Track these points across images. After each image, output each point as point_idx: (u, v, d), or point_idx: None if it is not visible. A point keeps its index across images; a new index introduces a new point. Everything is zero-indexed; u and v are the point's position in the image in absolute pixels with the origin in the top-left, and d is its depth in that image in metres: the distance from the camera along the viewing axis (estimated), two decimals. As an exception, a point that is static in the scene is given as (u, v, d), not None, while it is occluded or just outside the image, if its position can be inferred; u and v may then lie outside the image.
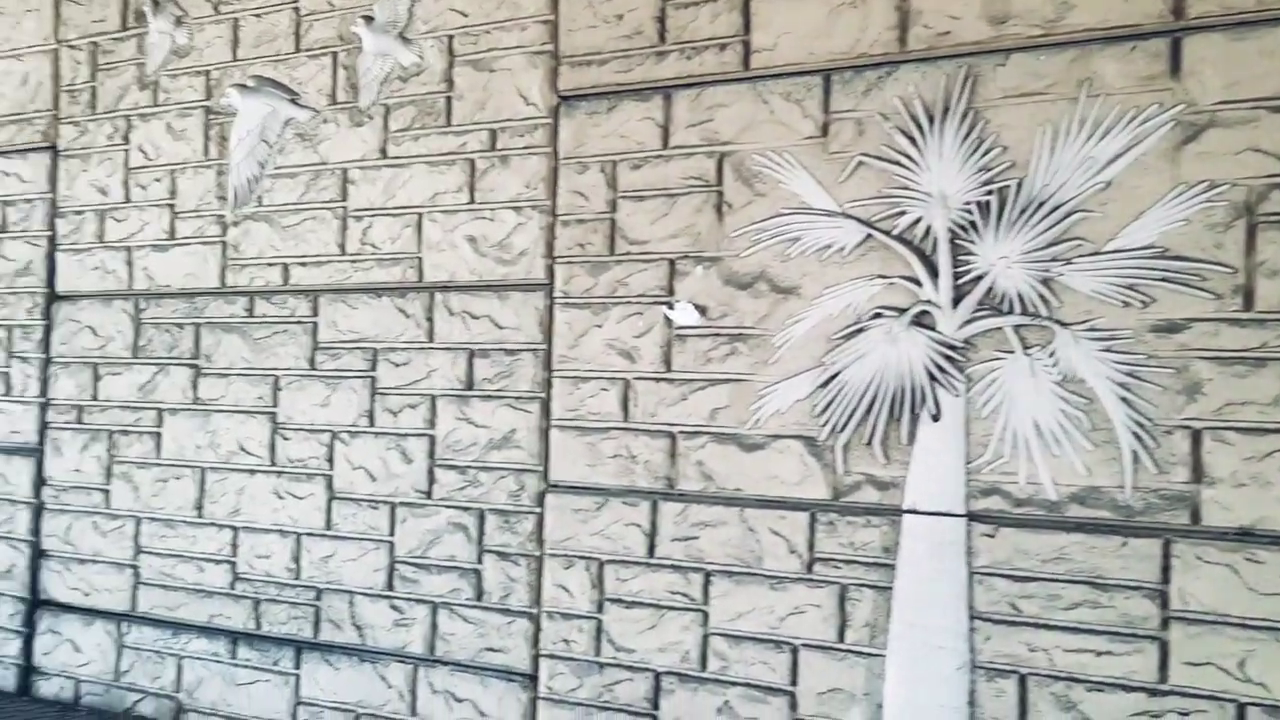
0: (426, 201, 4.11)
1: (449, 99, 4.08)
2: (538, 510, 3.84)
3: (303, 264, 4.36)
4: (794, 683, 3.39)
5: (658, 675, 3.59)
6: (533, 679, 3.81)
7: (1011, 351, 3.14)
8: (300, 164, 4.37)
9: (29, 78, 5.07)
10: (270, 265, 4.43)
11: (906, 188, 3.28)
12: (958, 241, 3.21)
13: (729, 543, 3.50)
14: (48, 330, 4.95)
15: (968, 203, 3.20)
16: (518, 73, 3.95)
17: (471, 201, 4.02)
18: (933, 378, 3.22)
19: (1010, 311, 3.14)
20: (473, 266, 4.01)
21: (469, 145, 4.03)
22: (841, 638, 3.33)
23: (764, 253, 3.48)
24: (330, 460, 4.26)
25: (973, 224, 3.19)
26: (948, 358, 3.20)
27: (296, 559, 4.30)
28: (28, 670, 4.91)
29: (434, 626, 4.00)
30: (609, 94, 3.77)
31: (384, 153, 4.20)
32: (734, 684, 3.47)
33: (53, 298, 4.95)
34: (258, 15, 4.50)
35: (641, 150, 3.70)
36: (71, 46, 4.95)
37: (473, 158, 4.02)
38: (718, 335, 3.54)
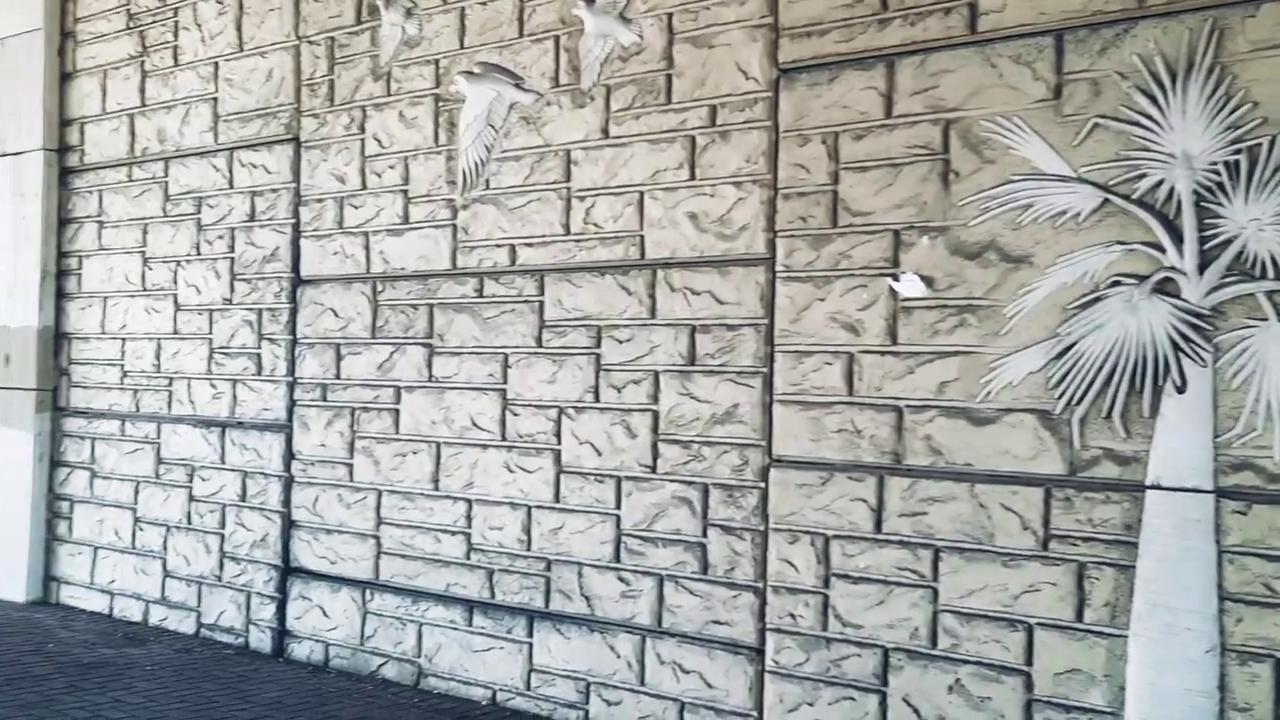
0: (647, 179, 4.37)
1: (669, 76, 4.33)
2: (761, 485, 4.05)
3: (529, 244, 4.71)
4: (1029, 662, 3.48)
5: (886, 651, 3.75)
6: (759, 652, 4.04)
7: (1264, 319, 3.12)
8: (525, 147, 4.72)
9: (273, 74, 5.64)
10: (498, 246, 4.81)
11: (1147, 149, 3.30)
12: (1203, 204, 3.21)
13: (959, 518, 3.61)
14: (294, 313, 5.52)
15: (1214, 163, 3.19)
16: (737, 47, 4.15)
17: (692, 178, 4.26)
18: (1177, 347, 3.24)
19: (1263, 276, 3.12)
20: (693, 243, 4.25)
21: (689, 122, 4.27)
22: (1080, 617, 3.40)
23: (993, 221, 3.57)
24: (558, 435, 4.60)
25: (1219, 185, 3.18)
26: (1193, 326, 3.21)
27: (527, 531, 4.67)
28: (281, 634, 5.51)
29: (660, 598, 4.29)
30: (830, 65, 3.92)
31: (605, 133, 4.49)
32: (966, 662, 3.59)
33: (298, 282, 5.52)
34: (483, 3, 4.87)
35: (864, 120, 3.84)
36: (311, 42, 5.49)
37: (693, 134, 4.26)
38: (945, 306, 3.65)
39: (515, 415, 4.73)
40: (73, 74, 6.65)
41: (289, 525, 5.51)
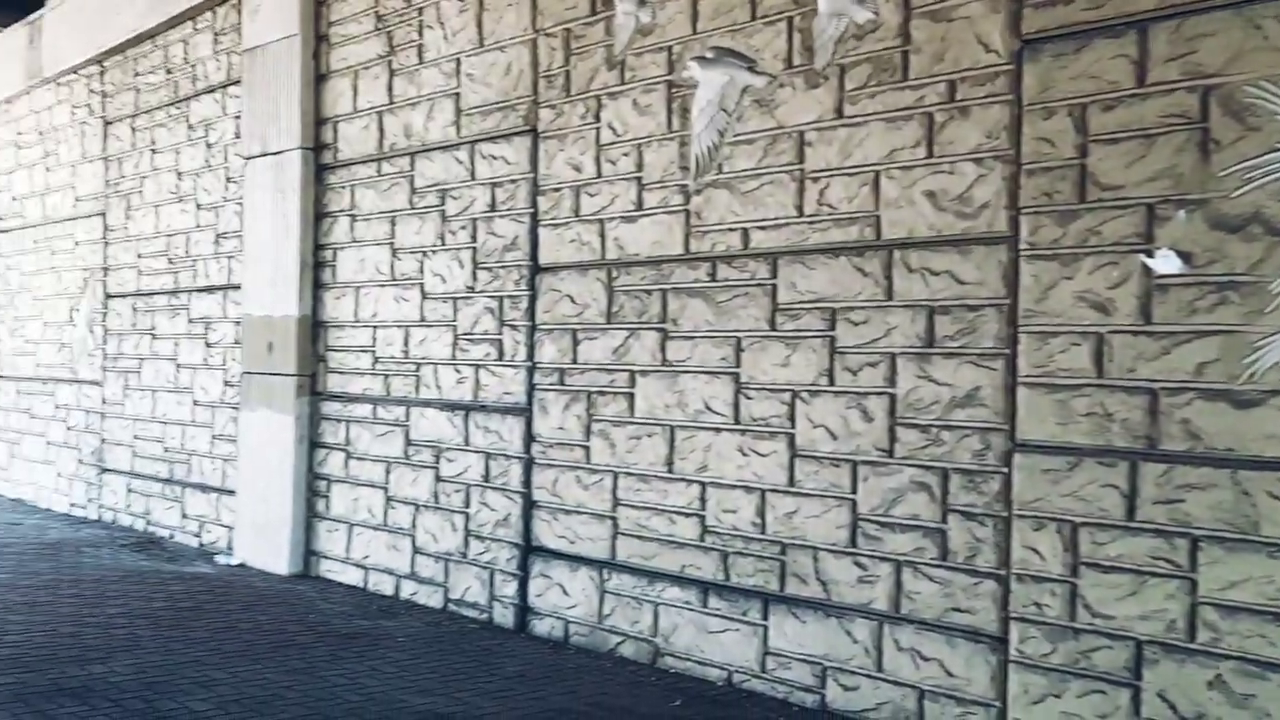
0: (883, 159, 4.43)
1: (905, 53, 4.37)
2: (1004, 470, 4.06)
3: (761, 228, 4.85)
4: (1298, 660, 3.38)
5: (1139, 644, 3.70)
6: (1002, 641, 4.05)
7: None
8: (758, 130, 4.86)
9: (511, 67, 5.98)
10: (730, 230, 4.97)
11: None
12: None
13: (1219, 506, 3.53)
14: (533, 300, 5.85)
15: None
16: (977, 20, 4.16)
17: (930, 156, 4.29)
18: None
19: None
20: (931, 222, 4.29)
21: (927, 99, 4.30)
22: (1356, 614, 3.28)
23: (1258, 192, 3.46)
24: (791, 419, 4.73)
25: None
26: None
27: (761, 514, 4.82)
28: (524, 610, 5.86)
29: (898, 584, 4.35)
30: (1077, 33, 3.88)
31: (840, 113, 4.58)
32: (1228, 657, 3.51)
33: (536, 269, 5.84)
34: (715, -12, 5.04)
35: (1114, 90, 3.78)
36: (547, 35, 5.79)
37: (931, 111, 4.29)
38: (1204, 284, 3.57)
39: (748, 399, 4.88)
40: (326, 75, 7.22)
41: (530, 505, 5.85)
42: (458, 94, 6.29)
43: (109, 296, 9.54)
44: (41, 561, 7.71)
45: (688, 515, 5.11)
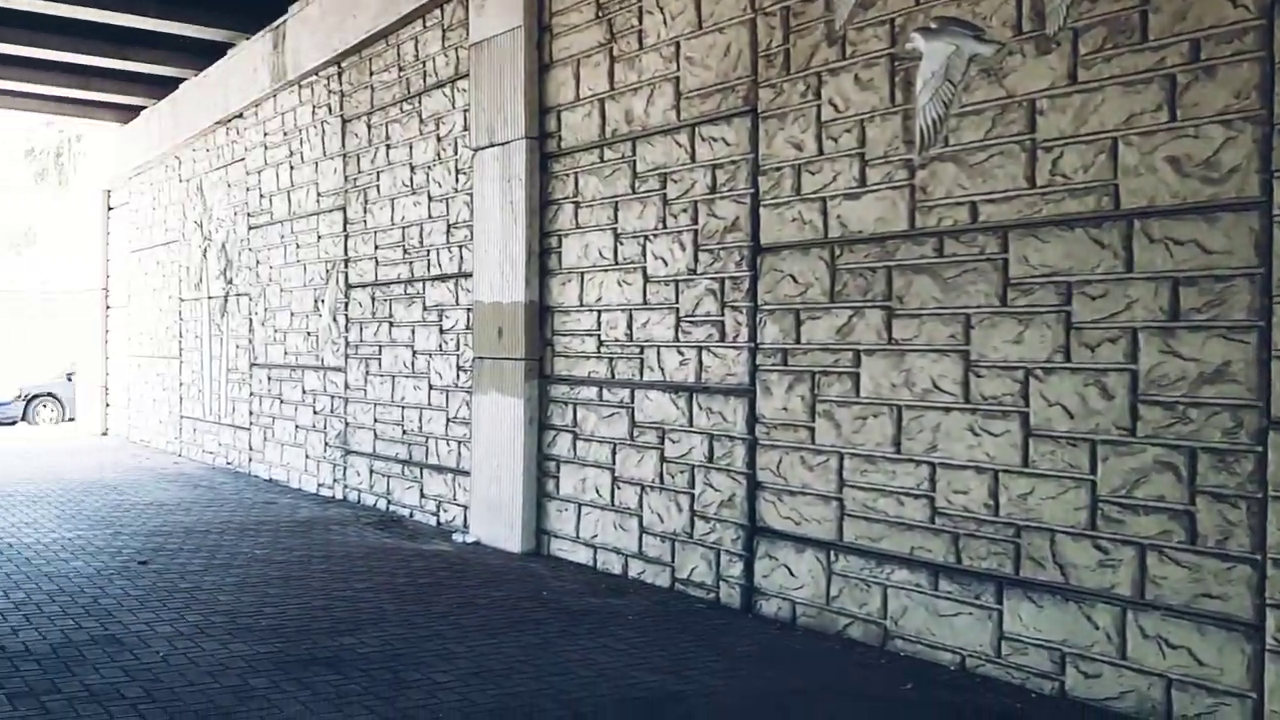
0: (1121, 125, 4.29)
1: (1144, 13, 4.22)
2: (1258, 449, 3.89)
3: (990, 200, 4.77)
4: None
5: None
6: (1257, 629, 3.89)
7: None
8: (985, 100, 4.78)
9: (730, 48, 6.06)
10: (958, 204, 4.91)
11: None
12: None
13: None
14: (754, 280, 5.92)
15: None
16: (1223, -27, 3.98)
17: (1172, 120, 4.14)
18: None
19: None
20: (1175, 189, 4.13)
21: (1168, 60, 4.14)
22: None
23: None
24: (1025, 397, 4.64)
25: None
26: None
27: (994, 495, 4.76)
28: (750, 590, 5.96)
29: (1142, 568, 4.23)
30: (1337, -19, 3.67)
31: (1073, 78, 4.46)
32: None
33: (757, 250, 5.91)
34: (938, -44, 4.97)
35: (1380, 40, 3.56)
36: (766, 13, 5.84)
37: (1172, 73, 4.13)
38: None
39: (979, 377, 4.82)
40: (549, 65, 7.48)
41: (754, 486, 5.94)
42: (677, 78, 6.42)
43: (350, 287, 10.16)
44: (294, 538, 8.32)
45: (916, 496, 5.09)
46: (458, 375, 8.49)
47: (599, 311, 7.05)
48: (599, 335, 7.06)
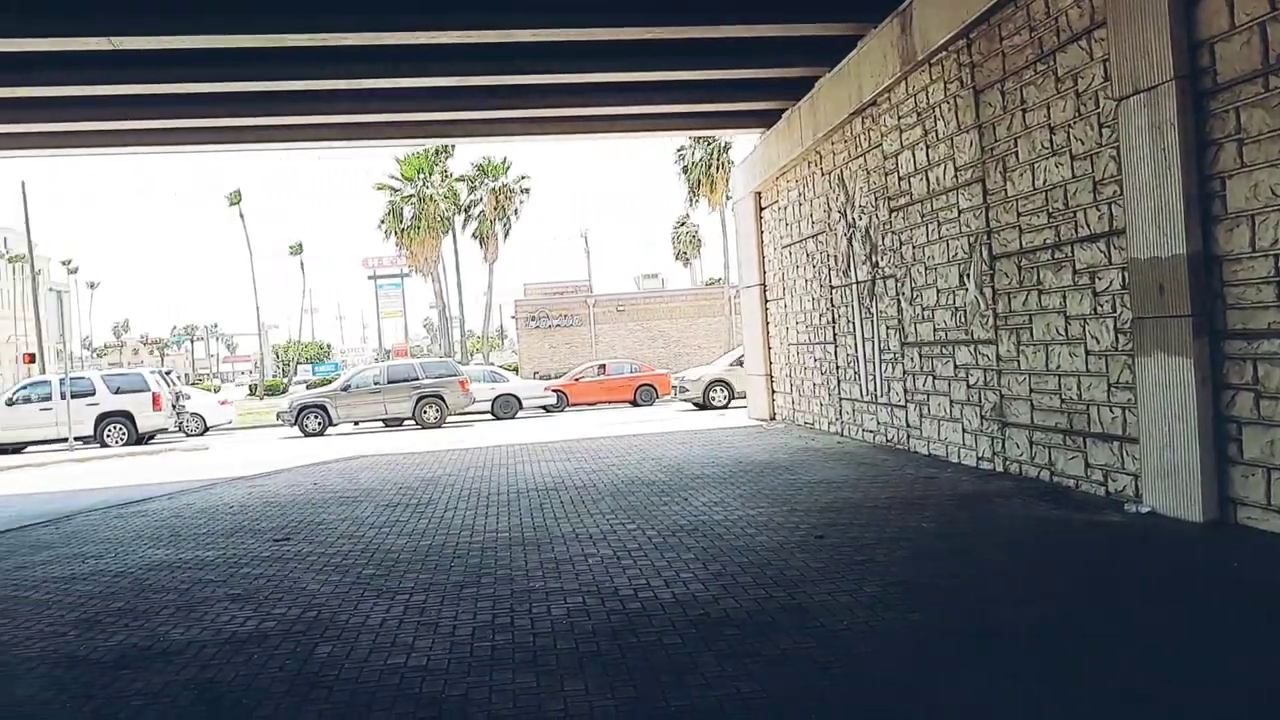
0: None
1: None
2: None
3: None
4: None
5: None
6: None
7: None
8: None
9: None
10: None
11: None
12: None
13: None
14: None
15: None
16: None
17: None
18: None
19: None
20: None
21: None
22: None
23: None
24: None
25: None
26: None
27: None
28: None
29: None
30: None
31: None
32: None
33: None
34: None
35: None
36: None
37: None
38: None
39: None
40: (1196, -3, 7.02)
41: None
42: (1354, -18, 5.74)
43: (994, 258, 10.21)
44: (959, 512, 8.58)
45: None
46: (1116, 339, 8.22)
47: (1274, 256, 6.49)
48: (1278, 282, 6.50)
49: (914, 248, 12.20)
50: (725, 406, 27.11)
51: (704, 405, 27.72)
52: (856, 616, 5.60)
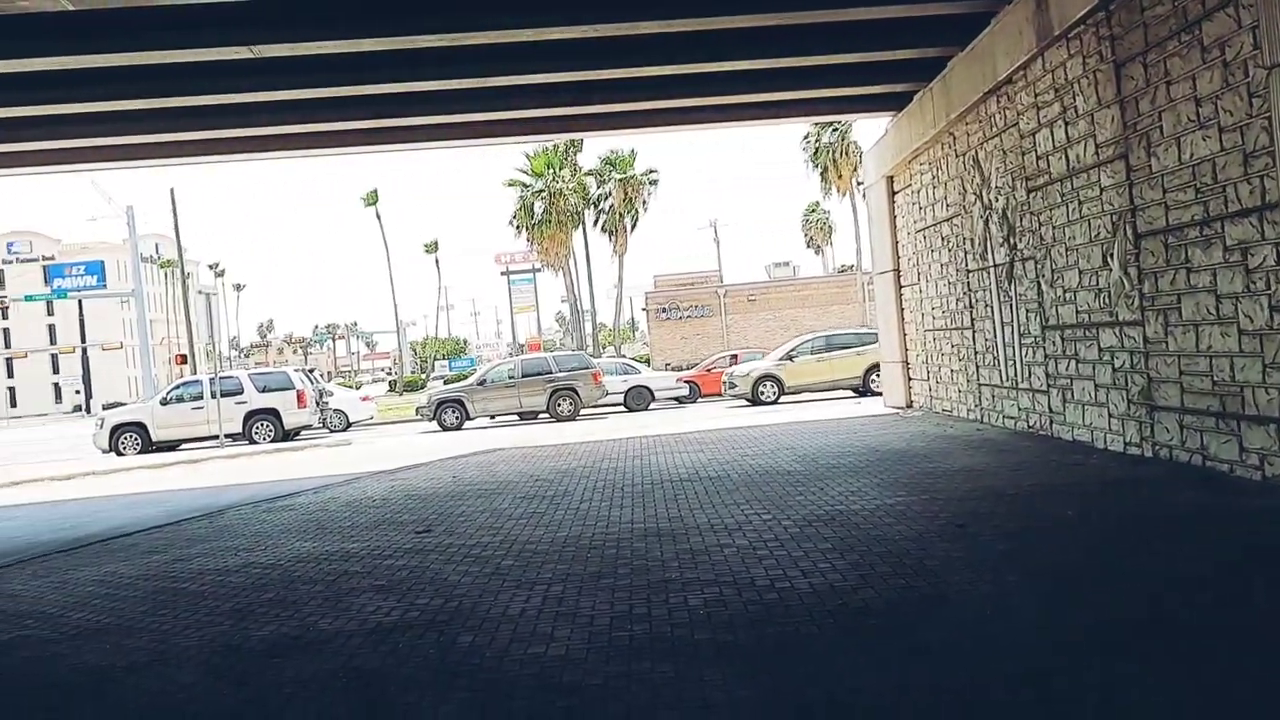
0: None
1: None
2: None
3: None
4: None
5: None
6: None
7: None
8: None
9: None
10: None
11: None
12: None
13: None
14: None
15: None
16: None
17: None
18: None
19: None
20: None
21: None
22: None
23: None
24: None
25: None
26: None
27: None
28: None
29: None
30: None
31: None
32: None
33: None
34: None
35: None
36: None
37: None
38: None
39: None
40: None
41: None
42: None
43: (1139, 236, 9.89)
44: (1109, 498, 8.36)
45: None
46: (1270, 317, 7.90)
47: None
48: None
49: (1054, 228, 11.90)
50: (775, 402, 26.79)
51: (754, 400, 27.40)
52: (996, 606, 5.50)
